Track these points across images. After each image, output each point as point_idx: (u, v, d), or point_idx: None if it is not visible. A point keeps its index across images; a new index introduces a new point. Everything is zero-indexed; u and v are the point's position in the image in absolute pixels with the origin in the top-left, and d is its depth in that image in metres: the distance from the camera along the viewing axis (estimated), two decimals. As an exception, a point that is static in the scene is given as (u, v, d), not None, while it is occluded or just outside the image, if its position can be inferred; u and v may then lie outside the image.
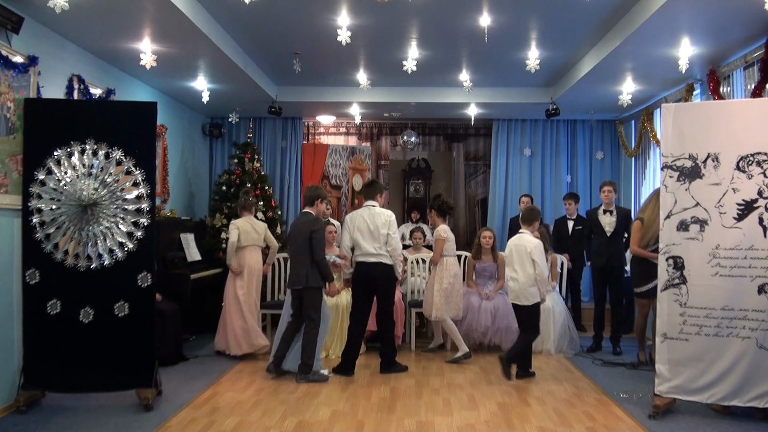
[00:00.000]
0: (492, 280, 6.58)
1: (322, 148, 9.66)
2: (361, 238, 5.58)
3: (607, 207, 6.56)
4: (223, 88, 7.21)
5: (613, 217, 6.50)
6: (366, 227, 5.58)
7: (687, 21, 4.88)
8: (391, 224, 5.60)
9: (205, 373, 5.56)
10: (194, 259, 6.98)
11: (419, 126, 10.01)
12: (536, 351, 6.47)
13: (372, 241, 5.55)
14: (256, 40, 6.14)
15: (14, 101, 4.55)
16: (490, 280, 6.56)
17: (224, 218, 7.43)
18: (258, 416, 4.42)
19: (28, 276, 4.49)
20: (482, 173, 10.19)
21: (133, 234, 4.58)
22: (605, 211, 6.57)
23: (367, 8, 5.10)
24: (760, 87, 5.12)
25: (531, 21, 5.49)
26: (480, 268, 6.57)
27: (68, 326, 4.50)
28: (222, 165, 9.04)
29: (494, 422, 4.37)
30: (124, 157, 4.59)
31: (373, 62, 6.79)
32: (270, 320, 6.73)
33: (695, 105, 5.90)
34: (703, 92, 6.38)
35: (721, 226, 4.41)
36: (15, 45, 4.56)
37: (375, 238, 5.55)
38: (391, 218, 5.64)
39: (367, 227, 5.57)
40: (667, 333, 4.55)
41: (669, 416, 4.50)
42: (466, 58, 6.66)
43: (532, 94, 8.05)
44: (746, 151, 4.36)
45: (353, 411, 4.58)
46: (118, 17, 4.83)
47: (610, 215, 6.52)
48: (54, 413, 4.42)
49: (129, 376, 4.56)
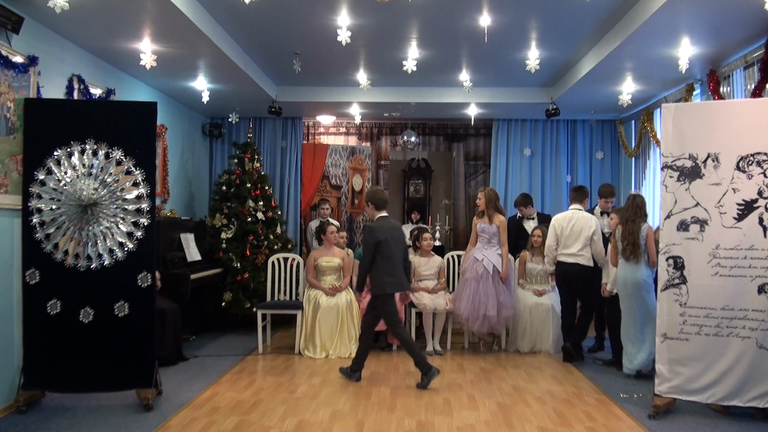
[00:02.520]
0: (491, 243, 6.38)
1: (322, 148, 9.66)
2: (565, 239, 6.16)
3: (605, 209, 6.59)
4: (223, 88, 7.21)
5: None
6: (571, 229, 6.14)
7: (687, 21, 4.88)
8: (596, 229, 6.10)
9: (205, 373, 5.56)
10: (194, 259, 6.98)
11: (419, 126, 10.01)
12: (536, 351, 6.50)
13: (575, 243, 6.09)
14: (256, 40, 6.14)
15: (14, 101, 4.55)
16: (489, 243, 6.39)
17: (224, 218, 7.43)
18: (258, 416, 4.42)
19: (28, 276, 4.49)
20: (482, 173, 10.19)
21: (133, 234, 4.58)
22: (603, 213, 6.60)
23: (367, 8, 5.10)
24: (760, 87, 5.13)
25: (531, 21, 5.48)
26: (479, 228, 6.44)
27: (68, 326, 4.50)
28: (222, 165, 9.04)
29: (494, 422, 4.37)
30: (124, 157, 4.59)
31: (373, 62, 6.79)
32: (270, 320, 6.72)
33: (695, 105, 5.90)
34: (703, 92, 6.38)
35: (721, 226, 4.41)
36: (15, 45, 4.56)
37: (578, 239, 6.10)
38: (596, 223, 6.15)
39: (572, 229, 6.13)
40: (667, 333, 4.55)
41: (669, 416, 4.50)
42: (466, 58, 6.66)
43: (532, 94, 8.05)
44: (746, 151, 4.36)
45: (353, 411, 4.58)
46: (118, 17, 4.83)
47: (607, 217, 6.54)
48: (54, 413, 4.42)
49: (129, 376, 4.56)
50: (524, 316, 6.52)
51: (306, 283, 6.71)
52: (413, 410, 4.61)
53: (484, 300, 6.19)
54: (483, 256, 6.32)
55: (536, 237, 6.73)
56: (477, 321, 6.23)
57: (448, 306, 6.45)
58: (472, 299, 6.23)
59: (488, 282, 6.25)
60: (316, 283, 6.57)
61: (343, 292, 6.49)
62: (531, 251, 6.78)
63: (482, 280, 6.26)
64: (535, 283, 6.75)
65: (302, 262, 6.91)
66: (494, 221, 6.36)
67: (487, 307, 6.18)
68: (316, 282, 6.57)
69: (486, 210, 6.39)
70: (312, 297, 6.46)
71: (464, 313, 6.28)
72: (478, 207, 6.49)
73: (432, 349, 6.47)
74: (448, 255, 7.24)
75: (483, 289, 6.24)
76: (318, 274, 6.63)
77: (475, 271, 6.31)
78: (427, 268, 6.76)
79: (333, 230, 6.79)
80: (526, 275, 6.79)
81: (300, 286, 6.85)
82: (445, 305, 6.46)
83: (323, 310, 6.33)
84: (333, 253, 6.71)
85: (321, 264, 6.61)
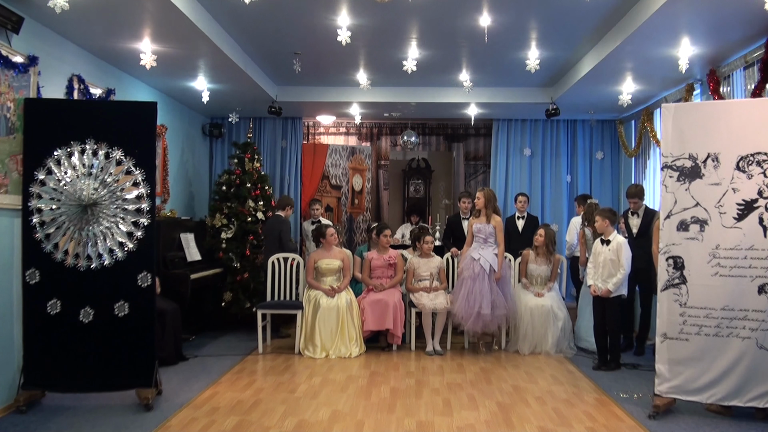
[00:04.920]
0: (488, 243, 6.42)
1: (322, 148, 9.66)
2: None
3: (635, 210, 6.58)
4: (223, 88, 7.21)
5: (639, 218, 6.53)
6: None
7: (687, 21, 4.88)
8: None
9: (205, 373, 5.56)
10: (194, 259, 6.98)
11: (419, 126, 10.01)
12: (536, 351, 6.49)
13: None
14: (256, 40, 6.14)
15: (14, 101, 4.55)
16: (485, 243, 6.43)
17: (224, 218, 7.43)
18: (258, 416, 4.42)
19: (28, 276, 4.49)
20: (482, 173, 10.18)
21: (133, 234, 4.58)
22: (632, 213, 6.59)
23: (367, 8, 5.10)
24: (760, 87, 5.12)
25: (531, 21, 5.48)
26: (475, 228, 6.48)
27: (68, 326, 4.50)
28: (222, 165, 9.04)
29: (494, 422, 4.37)
30: (124, 157, 4.59)
31: (373, 62, 6.79)
32: (270, 320, 6.72)
33: (695, 105, 5.89)
34: (703, 92, 6.37)
35: (721, 226, 4.41)
36: (15, 45, 4.56)
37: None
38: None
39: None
40: (667, 333, 4.55)
41: (669, 416, 4.50)
42: (466, 58, 6.66)
43: (532, 94, 8.05)
44: (746, 151, 4.36)
45: (353, 411, 4.58)
46: (118, 17, 4.83)
47: (637, 217, 6.55)
48: (54, 413, 4.42)
49: (129, 376, 4.56)
50: (525, 318, 6.51)
51: (306, 283, 6.71)
52: (413, 410, 4.61)
53: (479, 298, 6.21)
54: (480, 255, 6.33)
55: (539, 237, 6.73)
56: (470, 318, 6.24)
57: (447, 306, 6.45)
58: (467, 297, 6.25)
59: (484, 281, 6.27)
60: (316, 284, 6.56)
61: (343, 293, 6.49)
62: (534, 251, 6.78)
63: (478, 278, 6.28)
64: (535, 284, 6.74)
65: (302, 262, 6.91)
66: (491, 221, 6.41)
67: (481, 305, 6.19)
68: (316, 283, 6.57)
69: (484, 209, 6.43)
70: (312, 297, 6.46)
71: (459, 311, 6.30)
72: (476, 206, 6.53)
73: (432, 349, 6.47)
74: (448, 255, 7.25)
75: (478, 287, 6.25)
76: (318, 276, 6.63)
77: (471, 270, 6.33)
78: (426, 268, 6.76)
79: (332, 233, 6.79)
80: (527, 276, 6.80)
81: (300, 286, 6.85)
82: (445, 305, 6.46)
83: (323, 311, 6.33)
84: (333, 254, 6.71)
85: (321, 266, 6.61)
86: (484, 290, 6.24)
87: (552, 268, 6.75)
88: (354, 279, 6.83)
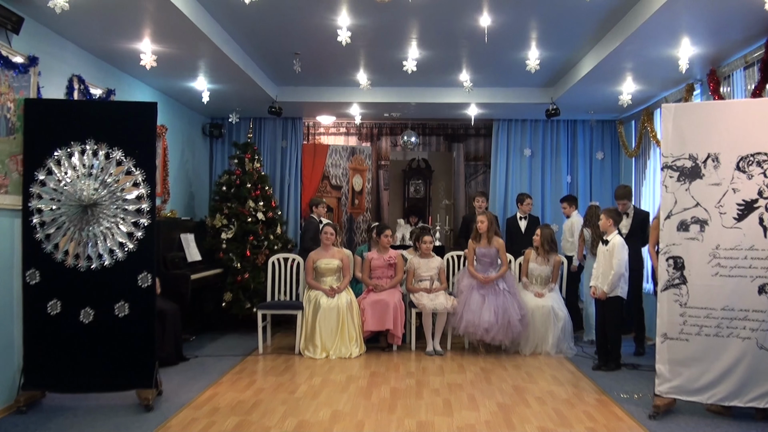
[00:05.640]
0: (493, 266, 6.56)
1: (323, 149, 9.66)
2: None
3: (623, 210, 6.58)
4: (223, 88, 7.21)
5: (629, 219, 6.53)
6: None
7: (687, 21, 4.88)
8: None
9: (205, 373, 5.56)
10: (194, 260, 6.98)
11: (419, 126, 10.00)
12: (536, 352, 6.49)
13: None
14: (256, 40, 6.14)
15: (14, 101, 4.55)
16: (491, 266, 6.55)
17: (224, 218, 7.43)
18: (258, 416, 4.42)
19: (29, 276, 4.49)
20: (482, 173, 10.17)
21: (134, 234, 4.58)
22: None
23: (367, 8, 5.10)
24: (760, 87, 5.12)
25: (531, 21, 5.48)
26: (480, 253, 6.58)
27: (68, 326, 4.50)
28: (222, 165, 9.04)
29: (494, 422, 4.37)
30: (124, 158, 4.59)
31: (373, 62, 6.79)
32: (270, 320, 6.72)
33: (695, 105, 5.89)
34: (703, 92, 6.37)
35: (722, 226, 4.41)
36: (15, 45, 4.55)
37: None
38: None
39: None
40: (667, 333, 4.55)
41: (669, 416, 4.50)
42: (466, 58, 6.66)
43: (532, 94, 8.05)
44: (746, 151, 4.36)
45: (353, 411, 4.58)
46: (118, 17, 4.83)
47: (626, 217, 6.55)
48: (54, 413, 4.42)
49: (129, 376, 4.56)
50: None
51: (306, 283, 6.71)
52: (413, 410, 4.61)
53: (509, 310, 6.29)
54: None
55: (536, 237, 6.75)
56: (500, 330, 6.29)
57: (448, 306, 6.45)
58: (494, 309, 6.31)
59: (506, 297, 6.38)
60: (316, 284, 6.56)
61: (343, 293, 6.49)
62: (535, 251, 6.79)
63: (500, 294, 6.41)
64: (535, 284, 6.75)
65: (302, 262, 6.90)
66: (493, 244, 6.58)
67: (510, 314, 6.28)
68: (316, 283, 6.57)
69: (487, 233, 6.59)
70: (312, 297, 6.46)
71: (484, 324, 6.28)
72: (479, 230, 6.65)
73: (432, 349, 6.47)
74: (448, 255, 7.25)
75: (501, 301, 6.36)
76: (317, 276, 6.63)
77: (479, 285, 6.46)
78: (426, 269, 6.76)
79: (330, 231, 6.78)
80: (528, 275, 6.81)
81: (300, 287, 6.85)
82: (445, 305, 6.46)
83: (323, 311, 6.33)
84: (332, 254, 6.70)
85: (320, 266, 6.61)
86: (507, 303, 6.36)
87: (552, 269, 6.75)
88: (354, 279, 6.83)
